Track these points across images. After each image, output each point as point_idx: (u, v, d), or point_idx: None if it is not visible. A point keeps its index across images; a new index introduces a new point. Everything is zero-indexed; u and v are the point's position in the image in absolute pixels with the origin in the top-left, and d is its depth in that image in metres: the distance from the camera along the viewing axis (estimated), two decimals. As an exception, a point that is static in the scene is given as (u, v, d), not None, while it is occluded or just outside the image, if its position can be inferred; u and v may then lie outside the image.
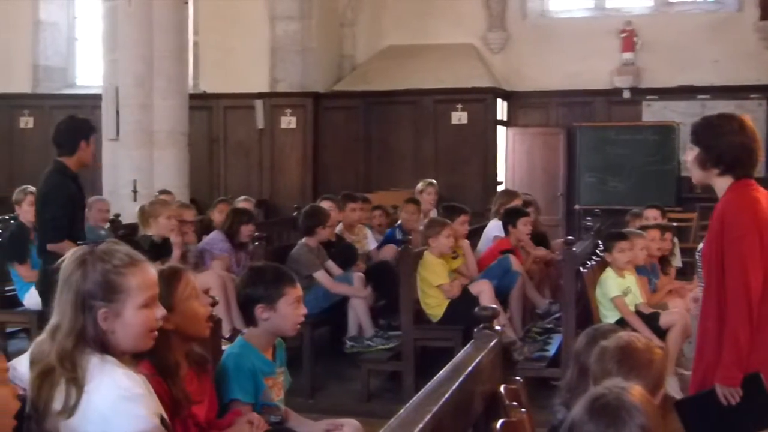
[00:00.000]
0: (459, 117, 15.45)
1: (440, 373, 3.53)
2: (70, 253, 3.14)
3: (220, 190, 15.57)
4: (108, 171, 12.02)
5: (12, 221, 9.12)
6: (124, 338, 3.07)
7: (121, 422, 2.89)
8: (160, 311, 3.16)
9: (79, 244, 6.18)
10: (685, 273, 9.54)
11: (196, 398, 3.69)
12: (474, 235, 9.38)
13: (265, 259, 7.89)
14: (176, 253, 8.28)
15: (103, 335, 3.05)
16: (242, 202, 10.67)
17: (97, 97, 12.91)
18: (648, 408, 2.55)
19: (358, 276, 8.51)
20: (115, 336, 3.06)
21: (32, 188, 8.86)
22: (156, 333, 3.18)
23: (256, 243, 8.55)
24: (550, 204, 15.34)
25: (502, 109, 15.90)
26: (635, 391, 2.60)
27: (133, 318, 3.07)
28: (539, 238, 9.67)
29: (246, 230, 8.98)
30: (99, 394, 2.91)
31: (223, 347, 4.49)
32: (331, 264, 8.58)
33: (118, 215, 10.14)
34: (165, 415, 3.06)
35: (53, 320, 3.09)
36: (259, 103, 15.82)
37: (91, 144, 6.92)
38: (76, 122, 7.05)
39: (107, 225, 9.67)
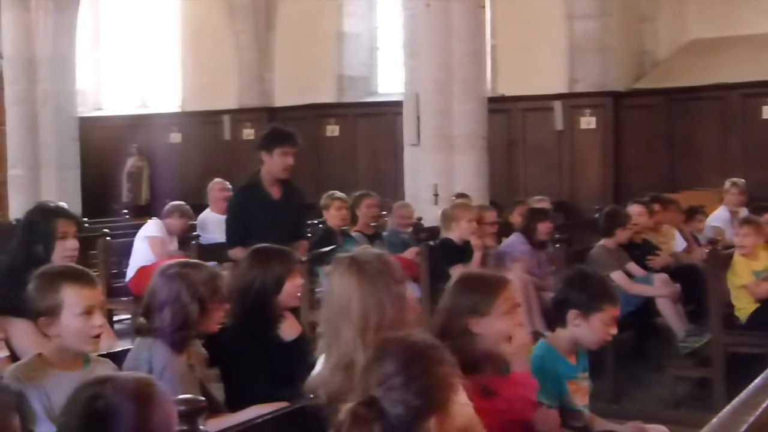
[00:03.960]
0: (772, 111, 14.67)
1: (756, 380, 3.33)
2: None
3: (519, 192, 15.54)
4: (409, 175, 12.28)
5: (320, 226, 9.47)
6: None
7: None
8: None
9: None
10: None
11: None
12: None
13: (565, 261, 7.81)
14: (477, 255, 8.31)
15: None
16: (537, 202, 10.60)
17: (398, 104, 13.22)
18: None
19: (659, 277, 8.26)
20: None
21: (339, 194, 9.20)
22: None
23: (557, 245, 8.46)
24: None
25: (822, 100, 14.92)
26: None
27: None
28: None
29: (543, 228, 8.89)
30: None
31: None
32: (632, 266, 8.38)
33: (420, 219, 10.35)
34: None
35: None
36: (557, 104, 15.69)
37: (274, 155, 6.95)
38: (264, 134, 7.15)
39: (409, 229, 9.88)
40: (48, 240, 4.90)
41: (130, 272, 9.67)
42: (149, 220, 10.13)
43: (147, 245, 9.60)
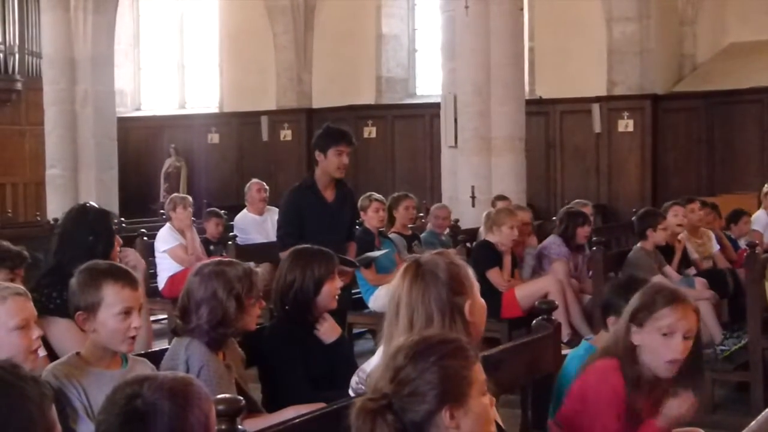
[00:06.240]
0: (812, 115, 14.53)
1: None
2: None
3: (556, 195, 15.53)
4: (447, 177, 12.26)
5: (358, 227, 9.46)
6: None
7: None
8: None
9: None
10: None
11: None
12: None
13: (603, 264, 7.78)
14: (507, 259, 8.31)
15: None
16: (580, 206, 10.55)
17: (435, 106, 13.22)
18: None
19: (699, 280, 8.22)
20: None
21: (377, 195, 9.18)
22: None
23: (594, 248, 8.43)
24: None
25: None
26: None
27: None
28: None
29: (582, 232, 8.87)
30: None
31: (563, 352, 4.45)
32: (668, 269, 8.34)
33: (457, 221, 10.33)
34: None
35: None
36: (595, 107, 15.63)
37: (329, 155, 6.81)
38: (318, 134, 7.00)
39: (447, 231, 9.88)
40: (111, 239, 4.91)
41: (161, 283, 9.75)
42: (158, 233, 10.00)
43: (167, 257, 9.67)
